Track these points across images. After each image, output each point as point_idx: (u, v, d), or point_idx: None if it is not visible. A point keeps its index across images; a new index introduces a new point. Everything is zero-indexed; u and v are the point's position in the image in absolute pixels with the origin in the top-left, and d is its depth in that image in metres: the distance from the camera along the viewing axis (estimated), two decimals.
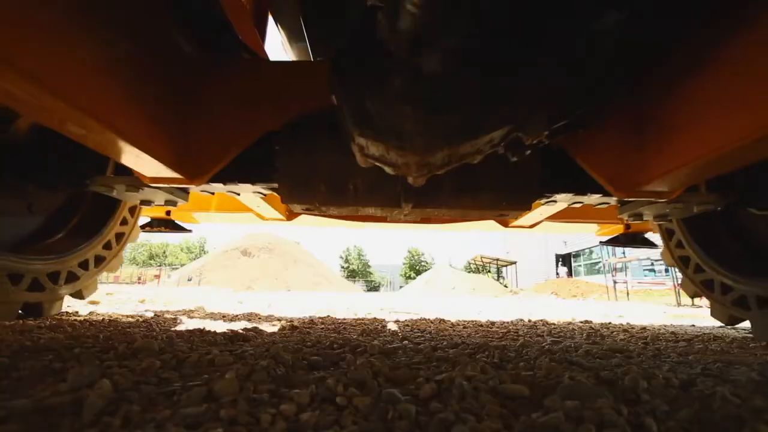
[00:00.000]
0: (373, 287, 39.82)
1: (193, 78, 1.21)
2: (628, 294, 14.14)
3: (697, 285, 2.20)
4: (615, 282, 14.85)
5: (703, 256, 2.10)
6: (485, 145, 0.87)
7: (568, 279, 22.08)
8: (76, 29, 0.84)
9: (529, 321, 2.82)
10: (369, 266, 47.86)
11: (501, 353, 1.22)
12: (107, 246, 2.13)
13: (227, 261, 20.78)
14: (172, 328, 1.73)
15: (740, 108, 0.85)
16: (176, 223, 2.64)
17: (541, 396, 0.76)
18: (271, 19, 1.56)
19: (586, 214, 2.03)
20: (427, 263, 45.19)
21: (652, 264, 15.94)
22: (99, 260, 2.10)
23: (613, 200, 1.36)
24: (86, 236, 2.04)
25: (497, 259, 30.06)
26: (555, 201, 1.41)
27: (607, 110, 1.06)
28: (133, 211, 2.30)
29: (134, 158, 1.07)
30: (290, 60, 1.51)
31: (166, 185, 1.31)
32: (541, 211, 1.73)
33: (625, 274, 15.55)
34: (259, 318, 2.56)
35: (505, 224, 2.08)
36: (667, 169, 1.03)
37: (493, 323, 2.50)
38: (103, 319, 2.03)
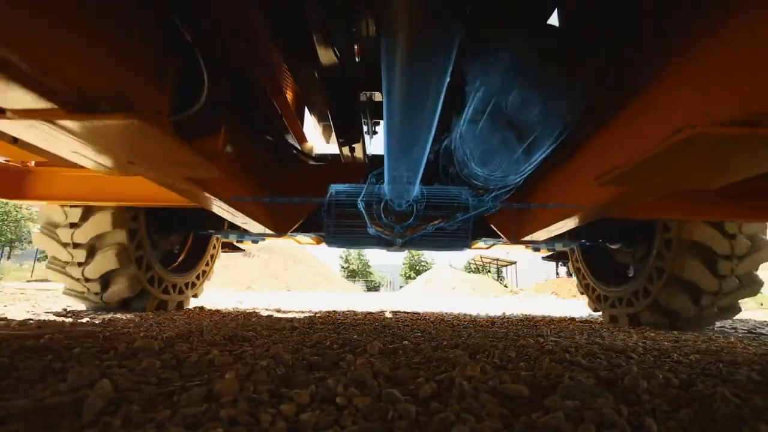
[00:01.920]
0: (373, 287, 39.76)
1: (279, 178, 2.04)
2: None
3: (593, 301, 3.13)
4: None
5: (594, 279, 3.12)
6: (432, 226, 1.76)
7: (568, 279, 22.04)
8: (241, 179, 1.63)
9: (529, 321, 2.82)
10: (369, 266, 47.80)
11: (501, 353, 1.22)
12: (197, 277, 3.21)
13: (227, 261, 20.67)
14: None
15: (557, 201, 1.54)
16: (235, 245, 3.65)
17: (541, 396, 0.76)
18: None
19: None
20: (427, 263, 45.11)
21: None
22: (192, 285, 3.13)
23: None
24: (188, 268, 3.11)
25: (497, 259, 30.02)
26: (484, 240, 2.55)
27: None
28: (212, 258, 3.38)
29: (253, 227, 1.94)
30: (331, 159, 2.42)
31: (264, 238, 2.70)
32: (482, 244, 2.93)
33: None
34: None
35: (469, 247, 2.84)
36: (532, 230, 1.86)
37: (493, 323, 2.50)
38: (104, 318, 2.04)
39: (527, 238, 1.96)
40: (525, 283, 25.38)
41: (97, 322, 1.88)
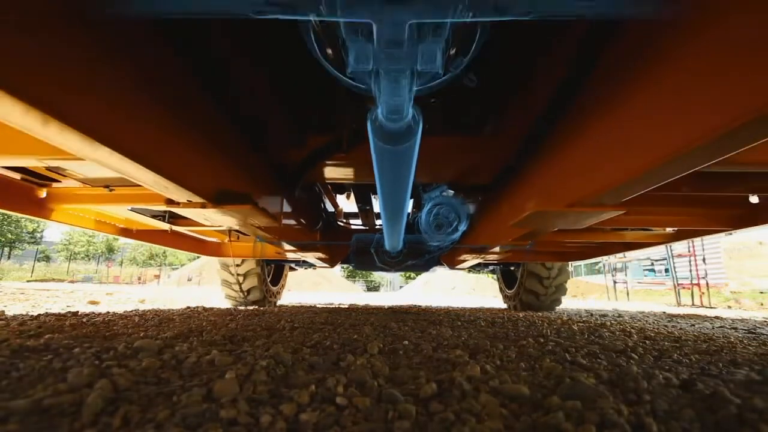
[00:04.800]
0: (374, 287, 39.70)
1: (330, 233, 3.08)
2: (628, 294, 14.11)
3: (508, 301, 4.88)
4: (615, 282, 14.82)
5: (507, 289, 4.95)
6: (411, 262, 3.16)
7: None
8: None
9: (529, 321, 2.82)
10: None
11: (501, 353, 1.22)
12: (279, 290, 4.91)
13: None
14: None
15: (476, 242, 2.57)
16: (294, 267, 5.09)
17: (542, 396, 0.76)
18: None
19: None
20: None
21: (652, 264, 15.77)
22: (277, 293, 4.81)
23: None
24: (275, 283, 4.80)
25: None
26: (441, 267, 3.87)
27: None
28: (284, 284, 5.13)
29: (318, 262, 3.45)
30: (353, 224, 3.73)
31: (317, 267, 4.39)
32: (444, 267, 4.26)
33: (625, 274, 15.43)
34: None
35: (428, 269, 4.25)
36: (460, 263, 3.30)
37: (493, 323, 2.50)
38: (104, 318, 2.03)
39: (458, 267, 3.49)
40: None
41: (97, 321, 1.88)
